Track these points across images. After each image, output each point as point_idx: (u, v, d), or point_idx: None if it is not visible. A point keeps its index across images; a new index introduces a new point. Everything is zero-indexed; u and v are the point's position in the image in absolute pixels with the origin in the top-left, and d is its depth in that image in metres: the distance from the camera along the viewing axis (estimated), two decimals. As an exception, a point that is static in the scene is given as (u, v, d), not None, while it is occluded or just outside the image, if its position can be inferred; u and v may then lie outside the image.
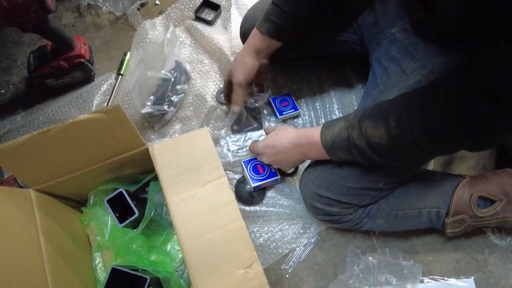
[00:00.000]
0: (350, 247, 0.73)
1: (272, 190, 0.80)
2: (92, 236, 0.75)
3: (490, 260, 0.73)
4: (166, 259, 0.70)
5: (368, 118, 0.50)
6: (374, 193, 0.62)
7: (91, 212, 0.71)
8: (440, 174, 0.69)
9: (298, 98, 0.88)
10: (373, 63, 0.69)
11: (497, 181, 0.64)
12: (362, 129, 0.50)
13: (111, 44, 0.99)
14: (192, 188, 0.59)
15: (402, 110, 0.46)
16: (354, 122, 0.51)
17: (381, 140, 0.48)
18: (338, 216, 0.64)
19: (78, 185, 0.67)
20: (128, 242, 0.68)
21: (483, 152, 0.81)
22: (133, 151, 0.64)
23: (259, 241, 0.75)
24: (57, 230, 0.65)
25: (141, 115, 0.86)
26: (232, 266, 0.54)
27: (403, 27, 0.62)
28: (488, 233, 0.75)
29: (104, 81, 0.93)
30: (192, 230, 0.57)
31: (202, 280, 0.54)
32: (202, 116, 0.86)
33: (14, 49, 0.99)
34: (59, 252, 0.62)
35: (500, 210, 0.62)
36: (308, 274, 0.73)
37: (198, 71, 0.91)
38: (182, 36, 0.95)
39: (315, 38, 0.74)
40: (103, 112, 0.55)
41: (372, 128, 0.49)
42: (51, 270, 0.58)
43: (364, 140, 0.50)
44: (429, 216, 0.65)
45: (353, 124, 0.51)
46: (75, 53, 0.85)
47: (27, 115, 0.90)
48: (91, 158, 0.62)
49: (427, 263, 0.73)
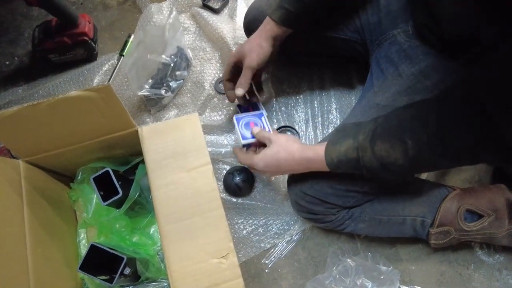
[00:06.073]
0: (333, 248, 0.73)
1: (260, 184, 0.79)
2: (79, 213, 0.76)
3: (475, 276, 0.72)
4: (148, 242, 0.71)
5: (381, 139, 0.47)
6: (359, 195, 0.61)
7: (79, 189, 0.72)
8: (431, 184, 0.67)
9: (297, 94, 0.88)
10: (372, 64, 0.67)
11: (488, 196, 0.63)
12: (375, 151, 0.47)
13: (117, 25, 1.00)
14: (177, 173, 0.60)
15: (419, 127, 0.44)
16: (365, 144, 0.48)
17: (397, 160, 0.46)
18: (321, 216, 0.63)
19: (67, 160, 0.68)
20: (112, 221, 0.69)
21: (480, 166, 0.79)
22: (123, 131, 0.64)
23: (243, 233, 0.75)
24: (43, 203, 0.66)
25: (139, 98, 0.87)
26: (207, 254, 0.54)
27: (405, 29, 0.61)
28: (476, 248, 0.73)
29: (107, 61, 0.93)
30: (171, 214, 0.57)
31: (177, 265, 0.54)
32: (198, 103, 0.86)
33: (22, 22, 1.01)
34: (42, 224, 0.63)
35: (487, 226, 0.61)
36: (288, 271, 0.73)
37: (199, 58, 0.90)
38: (187, 22, 0.95)
39: (319, 34, 0.73)
40: (93, 90, 0.55)
41: (387, 149, 0.46)
42: (32, 240, 0.59)
43: (377, 162, 0.48)
44: (413, 224, 0.63)
45: (364, 146, 0.48)
46: (79, 31, 0.86)
47: (29, 88, 0.91)
48: (81, 135, 0.63)
49: (409, 272, 0.72)
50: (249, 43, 0.66)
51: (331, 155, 0.53)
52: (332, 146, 0.53)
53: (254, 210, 0.77)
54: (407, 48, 0.59)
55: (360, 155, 0.49)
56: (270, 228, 0.75)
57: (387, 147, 0.46)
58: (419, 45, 0.58)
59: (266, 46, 0.65)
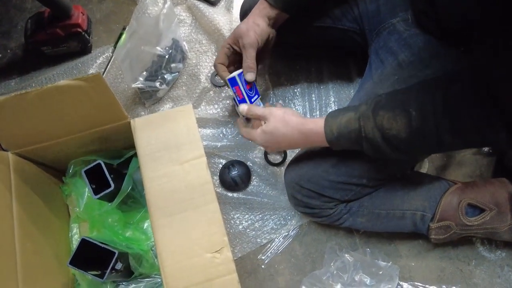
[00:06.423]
0: (331, 244, 0.71)
1: (257, 178, 0.78)
2: (72, 207, 0.75)
3: (476, 272, 0.70)
4: (142, 237, 0.69)
5: (384, 109, 0.45)
6: (357, 189, 0.59)
7: (71, 183, 0.71)
8: (431, 177, 0.66)
9: (295, 87, 0.86)
10: (371, 54, 0.66)
11: (489, 190, 0.61)
12: (377, 120, 0.45)
13: (112, 17, 0.98)
14: (170, 166, 0.58)
15: (425, 99, 0.42)
16: (367, 113, 0.46)
17: (399, 132, 0.44)
18: (318, 210, 0.62)
19: (59, 153, 0.66)
20: (104, 215, 0.67)
21: (481, 160, 0.78)
22: (115, 123, 0.63)
23: (239, 228, 0.74)
24: (33, 197, 0.64)
25: (133, 91, 0.85)
26: (200, 248, 0.53)
27: (404, 18, 0.59)
28: (477, 244, 0.72)
29: (101, 54, 0.92)
30: (164, 208, 0.56)
31: (169, 260, 0.53)
32: (194, 96, 0.84)
33: (15, 14, 0.99)
34: (32, 219, 0.61)
35: (489, 220, 0.59)
36: (285, 267, 0.71)
37: (195, 50, 0.89)
38: (183, 14, 0.93)
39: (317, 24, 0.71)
40: (83, 79, 0.54)
41: (390, 119, 0.44)
42: (21, 235, 0.57)
43: (379, 133, 0.45)
44: (413, 219, 0.62)
45: (367, 115, 0.46)
46: (72, 22, 0.84)
47: (22, 81, 0.90)
48: (72, 126, 0.61)
49: (409, 268, 0.71)
50: (245, 23, 0.63)
51: (331, 127, 0.50)
52: (332, 119, 0.50)
53: (251, 204, 0.75)
54: (406, 37, 0.58)
55: (361, 124, 0.47)
56: (266, 223, 0.74)
57: (390, 117, 0.44)
58: (419, 34, 0.57)
59: (262, 23, 0.62)
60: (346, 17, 0.68)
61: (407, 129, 0.43)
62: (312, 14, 0.70)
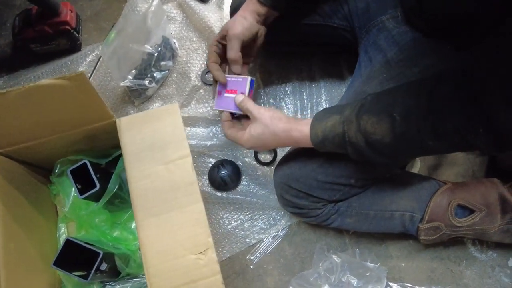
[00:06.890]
0: (320, 244, 0.71)
1: (247, 178, 0.77)
2: (59, 207, 0.74)
3: (467, 273, 0.70)
4: (130, 237, 0.69)
5: (368, 112, 0.44)
6: (345, 189, 0.59)
7: (58, 182, 0.70)
8: (421, 177, 0.65)
9: (286, 85, 0.85)
10: (360, 52, 0.65)
11: (480, 190, 0.60)
12: (361, 125, 0.45)
13: (102, 15, 0.97)
14: (155, 165, 0.57)
15: (409, 103, 0.42)
16: (351, 117, 0.46)
17: (383, 137, 0.43)
18: (306, 210, 0.61)
19: (44, 152, 0.65)
20: (91, 215, 0.67)
21: (474, 159, 0.77)
22: (101, 122, 0.62)
23: (227, 228, 0.73)
24: (18, 197, 0.64)
25: (123, 89, 0.84)
26: (184, 249, 0.52)
27: (394, 15, 0.58)
28: (468, 244, 0.71)
29: (91, 52, 0.91)
30: (149, 208, 0.55)
31: (154, 260, 0.52)
32: (184, 95, 0.83)
33: (4, 12, 0.98)
34: (16, 219, 0.60)
35: (479, 221, 0.59)
36: (274, 267, 0.71)
37: (186, 48, 0.87)
38: (173, 12, 0.92)
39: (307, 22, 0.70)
40: (66, 78, 0.53)
41: (374, 124, 0.43)
42: (5, 234, 0.57)
43: (362, 138, 0.45)
44: (402, 220, 0.61)
45: (350, 120, 0.46)
46: (60, 19, 0.83)
47: (10, 79, 0.89)
48: (56, 125, 0.60)
49: (399, 269, 0.70)
50: (233, 18, 0.63)
51: (316, 130, 0.50)
52: (318, 122, 0.50)
53: (240, 204, 0.74)
54: (395, 34, 0.57)
55: (345, 129, 0.46)
56: (256, 223, 0.73)
57: (374, 122, 0.43)
58: (408, 31, 0.56)
59: (250, 18, 0.61)
60: (336, 14, 0.67)
61: (390, 134, 0.43)
62: (302, 12, 0.69)
